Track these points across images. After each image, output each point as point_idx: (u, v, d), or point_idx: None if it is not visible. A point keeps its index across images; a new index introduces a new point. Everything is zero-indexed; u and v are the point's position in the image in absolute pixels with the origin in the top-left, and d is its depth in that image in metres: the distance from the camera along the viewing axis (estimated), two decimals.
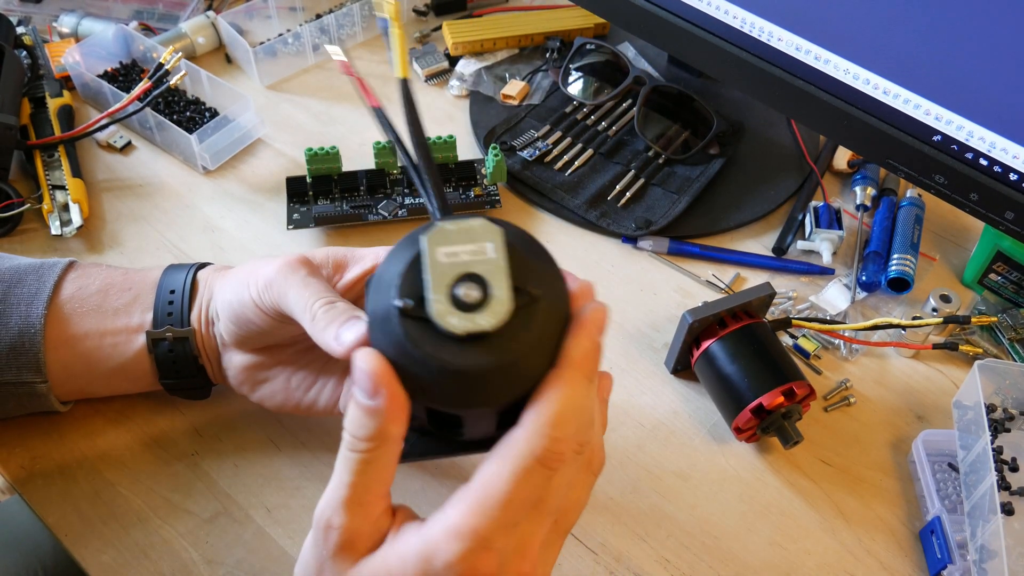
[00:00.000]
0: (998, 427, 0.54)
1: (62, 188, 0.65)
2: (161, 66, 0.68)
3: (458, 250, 0.32)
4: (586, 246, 0.67)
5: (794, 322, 0.59)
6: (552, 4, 0.83)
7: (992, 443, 0.50)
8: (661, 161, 0.70)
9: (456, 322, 0.31)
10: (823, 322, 0.60)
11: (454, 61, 0.80)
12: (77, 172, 0.66)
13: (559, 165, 0.70)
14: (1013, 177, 0.51)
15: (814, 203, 0.68)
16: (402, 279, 0.32)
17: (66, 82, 0.73)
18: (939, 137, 0.53)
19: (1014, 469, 0.52)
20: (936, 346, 0.60)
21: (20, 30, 0.75)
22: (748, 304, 0.55)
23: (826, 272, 0.65)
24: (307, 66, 0.80)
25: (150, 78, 0.68)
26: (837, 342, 0.61)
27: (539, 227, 0.67)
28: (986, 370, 0.53)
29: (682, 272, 0.65)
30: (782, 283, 0.65)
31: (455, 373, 0.32)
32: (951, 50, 0.50)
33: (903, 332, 0.60)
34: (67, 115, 0.70)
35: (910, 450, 0.55)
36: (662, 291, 0.64)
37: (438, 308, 0.31)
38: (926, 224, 0.69)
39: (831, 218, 0.67)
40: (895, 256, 0.64)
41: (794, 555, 0.51)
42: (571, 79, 0.76)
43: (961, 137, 0.52)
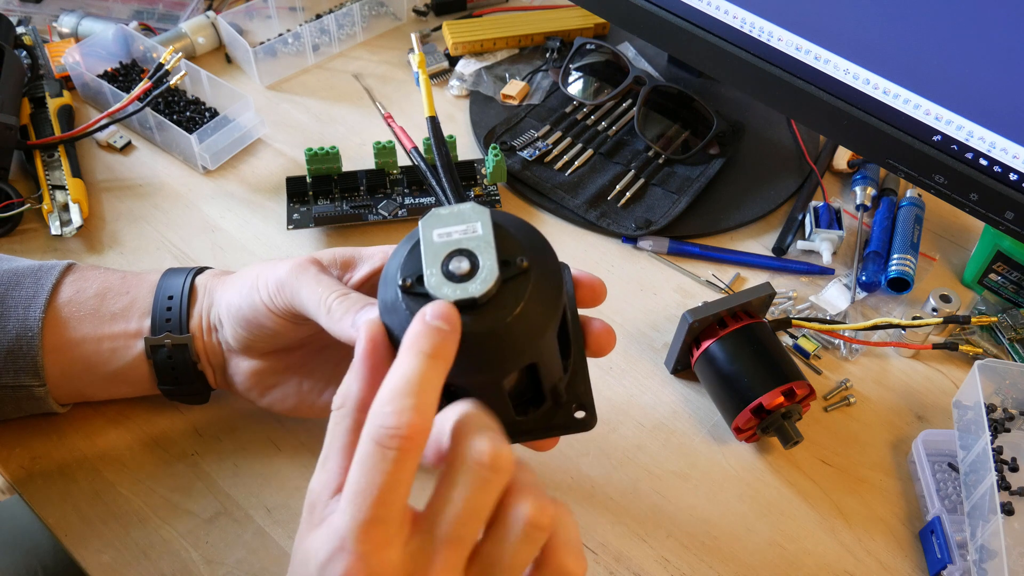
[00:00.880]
0: (998, 427, 0.54)
1: (62, 188, 0.65)
2: (161, 66, 0.68)
3: (450, 230, 0.35)
4: (586, 246, 0.67)
5: (794, 322, 0.59)
6: (552, 4, 0.83)
7: (992, 443, 0.50)
8: (661, 161, 0.70)
9: (449, 292, 0.33)
10: (823, 322, 0.60)
11: (454, 61, 0.80)
12: (77, 172, 0.66)
13: (559, 165, 0.70)
14: (1013, 177, 0.51)
15: (814, 203, 0.68)
16: (404, 262, 0.35)
17: (66, 82, 0.73)
18: (939, 137, 0.53)
19: (1014, 469, 0.52)
20: (936, 346, 0.60)
21: (20, 30, 0.75)
22: (748, 304, 0.55)
23: (826, 272, 0.65)
24: (307, 66, 0.80)
25: (150, 78, 0.68)
26: (837, 342, 0.61)
27: (539, 227, 0.67)
28: (986, 370, 0.53)
29: (682, 272, 0.65)
30: (782, 283, 0.65)
31: None
32: (951, 50, 0.50)
33: (903, 332, 0.60)
34: (67, 115, 0.70)
35: (910, 450, 0.55)
36: (662, 291, 0.64)
37: (433, 281, 0.34)
38: (926, 224, 0.69)
39: (831, 218, 0.67)
40: (895, 256, 0.64)
41: (794, 555, 0.51)
42: (571, 79, 0.76)
43: (961, 137, 0.52)
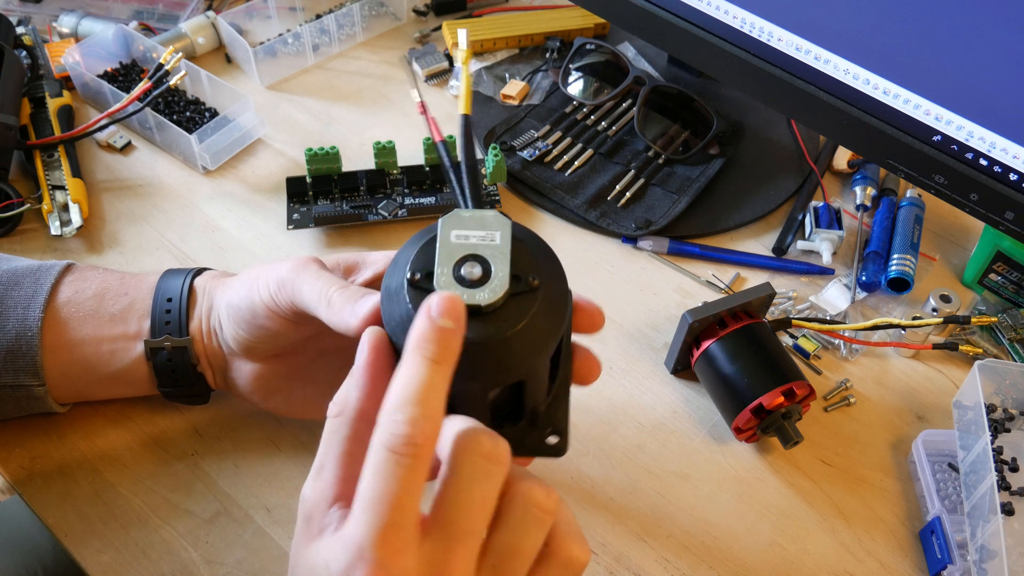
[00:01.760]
0: (998, 427, 0.54)
1: (62, 188, 0.65)
2: (161, 66, 0.68)
3: (469, 234, 0.35)
4: (586, 246, 0.67)
5: (794, 322, 0.59)
6: (552, 4, 0.83)
7: (992, 443, 0.50)
8: (661, 161, 0.70)
9: (456, 294, 0.33)
10: (823, 322, 0.60)
11: (454, 61, 0.79)
12: (77, 172, 0.66)
13: (559, 165, 0.70)
14: (1013, 177, 0.51)
15: (814, 203, 0.68)
16: (415, 256, 0.35)
17: (66, 82, 0.73)
18: (939, 137, 0.53)
19: (1014, 469, 0.52)
20: (936, 346, 0.60)
21: (20, 30, 0.75)
22: (748, 304, 0.55)
23: (826, 272, 0.65)
24: (307, 66, 0.80)
25: (150, 78, 0.67)
26: (837, 342, 0.61)
27: (539, 227, 0.67)
28: (986, 370, 0.53)
29: (682, 272, 0.65)
30: (782, 283, 0.65)
31: None
32: (951, 50, 0.50)
33: (903, 332, 0.60)
34: (67, 115, 0.70)
35: (910, 450, 0.55)
36: (662, 291, 0.64)
37: (443, 280, 0.33)
38: (926, 224, 0.69)
39: (831, 218, 0.67)
40: (895, 256, 0.64)
41: (794, 555, 0.51)
42: (571, 79, 0.76)
43: (961, 137, 0.52)
